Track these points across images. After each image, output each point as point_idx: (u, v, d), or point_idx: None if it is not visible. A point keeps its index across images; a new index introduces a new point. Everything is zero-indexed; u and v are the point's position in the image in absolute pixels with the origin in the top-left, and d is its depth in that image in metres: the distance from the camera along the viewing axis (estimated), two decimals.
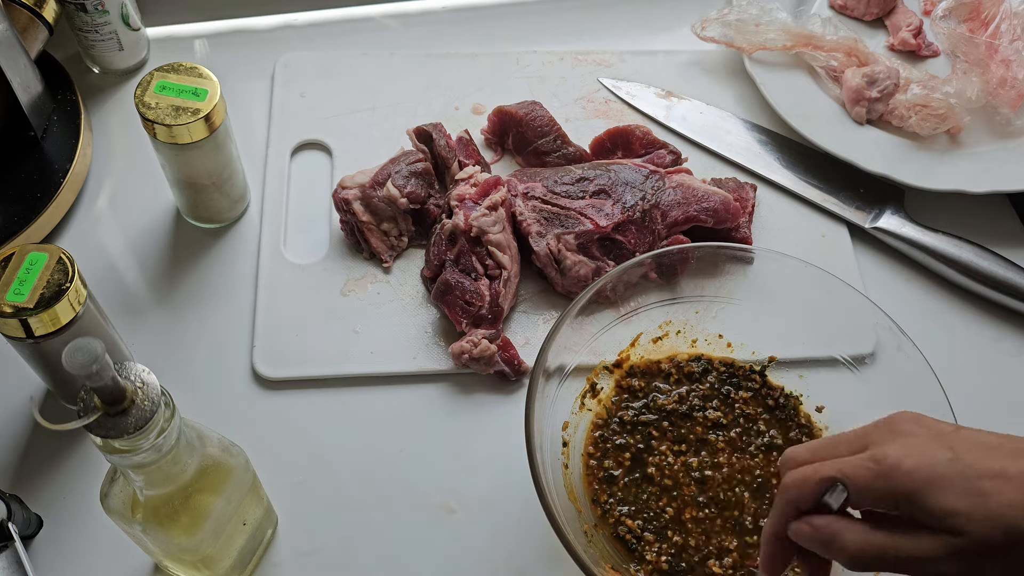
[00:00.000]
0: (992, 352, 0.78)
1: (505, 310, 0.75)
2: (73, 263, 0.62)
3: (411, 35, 0.96)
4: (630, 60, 0.94)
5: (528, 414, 0.61)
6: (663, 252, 0.70)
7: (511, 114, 0.84)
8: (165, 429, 0.49)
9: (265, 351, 0.74)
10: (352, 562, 0.67)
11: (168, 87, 0.71)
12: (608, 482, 0.67)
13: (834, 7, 0.99)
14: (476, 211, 0.75)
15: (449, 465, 0.71)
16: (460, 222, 0.75)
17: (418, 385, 0.74)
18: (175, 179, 0.77)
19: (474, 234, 0.75)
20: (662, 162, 0.83)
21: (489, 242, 0.75)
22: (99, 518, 0.57)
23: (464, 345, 0.72)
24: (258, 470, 0.61)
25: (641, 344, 0.72)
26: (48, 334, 0.61)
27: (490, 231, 0.75)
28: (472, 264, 0.75)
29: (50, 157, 0.81)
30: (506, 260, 0.75)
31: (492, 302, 0.73)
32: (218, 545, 0.58)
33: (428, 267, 0.77)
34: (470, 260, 0.75)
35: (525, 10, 0.99)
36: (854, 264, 0.81)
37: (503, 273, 0.75)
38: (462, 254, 0.75)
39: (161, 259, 0.80)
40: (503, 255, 0.75)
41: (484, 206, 0.76)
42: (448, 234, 0.76)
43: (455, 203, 0.76)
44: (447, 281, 0.74)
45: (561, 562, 0.62)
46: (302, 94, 0.89)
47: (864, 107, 0.87)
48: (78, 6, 0.83)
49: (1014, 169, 0.85)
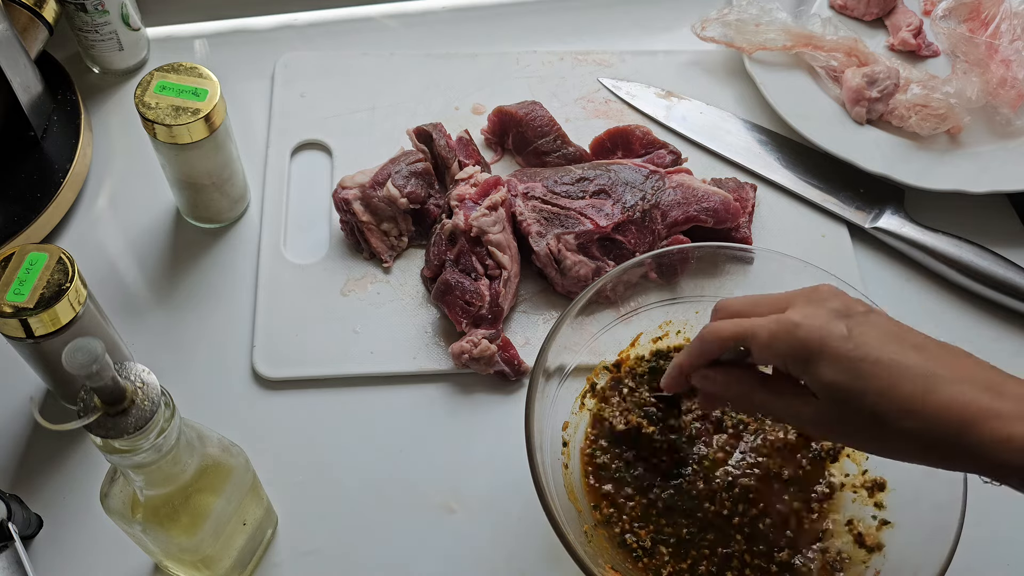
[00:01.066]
0: (992, 352, 0.77)
1: (505, 310, 0.75)
2: (73, 263, 0.62)
3: (411, 35, 0.96)
4: (630, 60, 0.94)
5: (528, 414, 0.61)
6: (663, 252, 0.70)
7: (511, 114, 0.84)
8: (165, 429, 0.49)
9: (265, 351, 0.74)
10: (352, 562, 0.67)
11: (168, 87, 0.71)
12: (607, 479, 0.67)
13: (834, 7, 0.99)
14: (476, 211, 0.75)
15: (449, 465, 0.71)
16: (460, 222, 0.75)
17: (418, 385, 0.74)
18: (175, 179, 0.77)
19: (474, 234, 0.75)
20: (662, 162, 0.83)
21: (489, 242, 0.75)
22: (99, 518, 0.57)
23: (464, 345, 0.72)
24: (258, 470, 0.61)
25: (641, 344, 0.72)
26: (48, 334, 0.61)
27: (490, 231, 0.75)
28: (472, 264, 0.75)
29: (50, 157, 0.81)
30: (506, 260, 0.75)
31: (492, 302, 0.73)
32: (218, 545, 0.58)
33: (428, 267, 0.77)
34: (470, 260, 0.75)
35: (525, 10, 0.99)
36: (854, 264, 0.81)
37: (503, 273, 0.75)
38: (462, 254, 0.75)
39: (161, 259, 0.80)
40: (503, 255, 0.75)
41: (484, 206, 0.76)
42: (448, 234, 0.76)
43: (455, 203, 0.76)
44: (447, 281, 0.74)
45: (561, 562, 0.62)
46: (302, 94, 0.89)
47: (864, 107, 0.87)
48: (78, 6, 0.83)
49: (1014, 169, 0.85)
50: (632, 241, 0.77)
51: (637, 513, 0.66)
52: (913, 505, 0.63)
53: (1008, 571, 0.68)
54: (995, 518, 0.69)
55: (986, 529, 0.67)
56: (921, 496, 0.63)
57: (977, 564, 0.67)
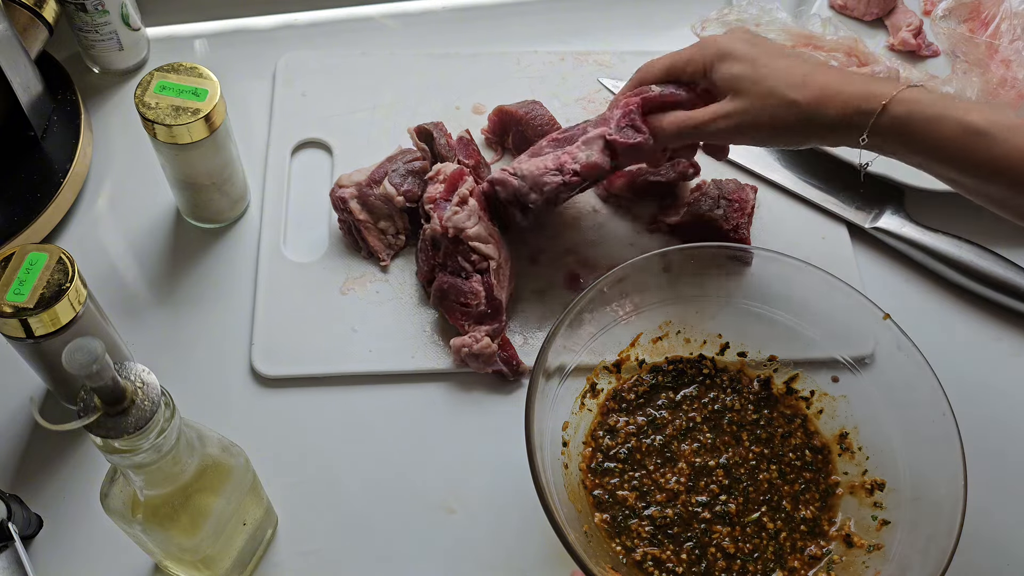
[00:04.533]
0: (992, 352, 0.78)
1: (504, 300, 0.75)
2: (73, 263, 0.62)
3: (411, 35, 0.96)
4: (630, 60, 0.94)
5: (528, 414, 0.61)
6: (665, 252, 0.70)
7: (512, 113, 0.84)
8: (165, 429, 0.49)
9: (264, 349, 0.74)
10: (352, 562, 0.67)
11: (168, 87, 0.71)
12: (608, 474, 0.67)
13: (834, 7, 0.99)
14: (447, 210, 0.74)
15: (449, 465, 0.71)
16: (437, 226, 0.74)
17: (417, 384, 0.74)
18: (175, 179, 0.77)
19: (452, 235, 0.73)
20: (683, 171, 0.82)
21: (468, 238, 0.73)
22: (99, 518, 0.57)
23: (466, 340, 0.72)
24: (258, 469, 0.61)
25: (641, 344, 0.72)
26: (48, 334, 0.61)
27: (466, 226, 0.74)
28: (459, 264, 0.74)
29: (50, 157, 0.81)
30: (490, 250, 0.74)
31: (488, 296, 0.73)
32: (218, 545, 0.58)
33: (420, 272, 0.77)
34: (456, 260, 0.74)
35: (525, 10, 0.99)
36: (854, 264, 0.81)
37: (491, 264, 0.74)
38: (448, 256, 0.74)
39: (161, 259, 0.80)
40: (486, 246, 0.74)
41: (454, 202, 0.74)
42: (430, 239, 0.75)
43: (429, 206, 0.76)
44: (441, 288, 0.74)
45: (561, 562, 0.62)
46: (303, 93, 0.89)
47: None
48: (78, 6, 0.82)
49: None
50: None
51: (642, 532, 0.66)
52: (913, 505, 0.63)
53: (1008, 571, 0.68)
54: (995, 518, 0.69)
55: (986, 529, 0.67)
56: (921, 496, 0.63)
57: (977, 564, 0.67)
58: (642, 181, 0.82)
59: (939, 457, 0.62)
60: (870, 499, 0.66)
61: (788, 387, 0.72)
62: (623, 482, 0.67)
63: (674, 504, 0.66)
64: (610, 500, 0.67)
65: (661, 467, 0.68)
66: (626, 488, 0.67)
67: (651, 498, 0.67)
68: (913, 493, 0.64)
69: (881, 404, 0.68)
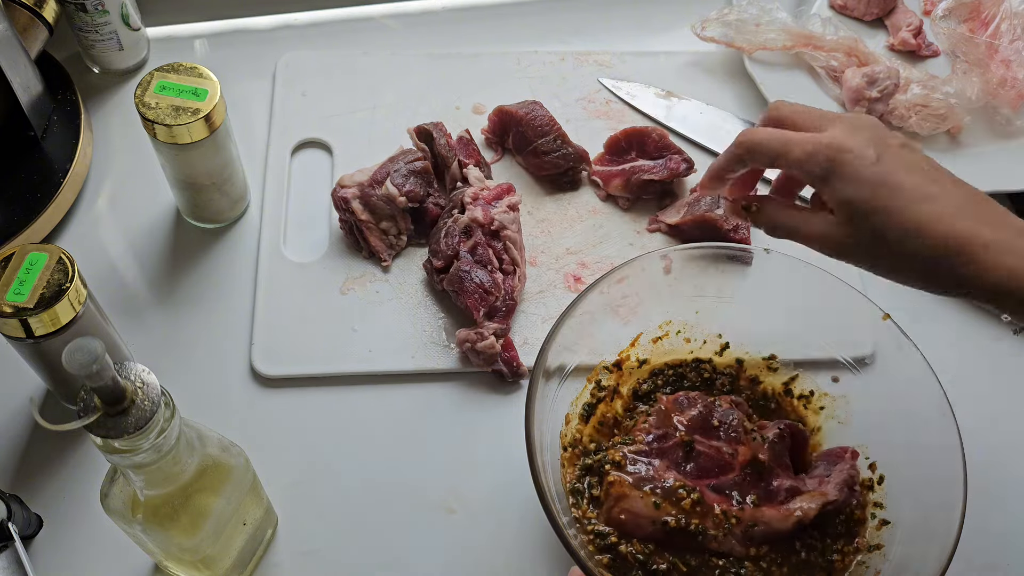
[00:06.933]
0: (992, 352, 0.78)
1: (514, 306, 0.76)
2: (73, 263, 0.62)
3: (412, 35, 0.96)
4: (630, 60, 0.94)
5: (528, 414, 0.61)
6: (665, 252, 0.70)
7: (512, 114, 0.84)
8: (165, 429, 0.49)
9: (264, 349, 0.74)
10: (352, 562, 0.67)
11: (168, 87, 0.71)
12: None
13: (834, 7, 0.99)
14: (497, 207, 0.76)
15: (449, 465, 0.71)
16: (478, 215, 0.76)
17: (417, 384, 0.74)
18: (175, 179, 0.77)
19: (495, 227, 0.76)
20: (676, 168, 0.82)
21: (507, 237, 0.76)
22: (99, 518, 0.57)
23: (472, 334, 0.72)
24: (258, 470, 0.61)
25: (641, 344, 0.72)
26: (48, 334, 0.61)
27: (509, 227, 0.76)
28: (488, 256, 0.75)
29: (50, 157, 0.81)
30: (520, 259, 0.77)
31: (507, 295, 0.74)
32: (218, 545, 0.58)
33: (438, 258, 0.77)
34: (487, 252, 0.75)
35: (525, 10, 0.99)
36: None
37: (517, 270, 0.76)
38: (478, 246, 0.75)
39: (161, 259, 0.80)
40: (519, 253, 0.76)
41: (505, 205, 0.77)
42: (463, 227, 0.76)
43: (469, 200, 0.77)
44: (464, 269, 0.74)
45: (561, 562, 0.62)
46: (303, 93, 0.89)
47: (864, 107, 0.87)
48: (78, 6, 0.83)
49: (1014, 169, 0.85)
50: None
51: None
52: (913, 505, 0.63)
53: (1008, 571, 0.68)
54: (995, 518, 0.69)
55: (986, 529, 0.67)
56: (921, 496, 0.63)
57: (977, 564, 0.67)
58: (637, 180, 0.82)
59: (939, 457, 0.62)
60: (870, 499, 0.66)
61: (786, 388, 0.72)
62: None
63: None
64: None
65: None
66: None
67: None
68: (913, 493, 0.64)
69: (881, 404, 0.68)
